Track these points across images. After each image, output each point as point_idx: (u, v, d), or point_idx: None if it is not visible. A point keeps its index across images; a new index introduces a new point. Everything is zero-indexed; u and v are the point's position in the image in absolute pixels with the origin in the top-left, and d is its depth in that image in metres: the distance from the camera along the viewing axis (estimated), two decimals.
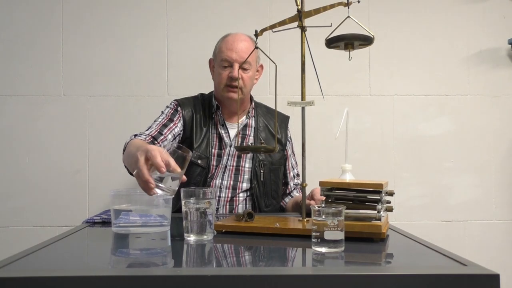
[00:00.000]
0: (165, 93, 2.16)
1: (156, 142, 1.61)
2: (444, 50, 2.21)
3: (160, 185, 1.11)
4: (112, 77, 2.17)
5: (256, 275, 0.79)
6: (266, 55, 1.31)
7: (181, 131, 1.71)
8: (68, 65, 2.16)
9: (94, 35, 2.17)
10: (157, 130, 1.65)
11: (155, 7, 2.18)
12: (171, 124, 1.69)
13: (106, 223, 1.38)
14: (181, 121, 1.71)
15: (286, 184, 1.86)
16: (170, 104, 1.78)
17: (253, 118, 1.80)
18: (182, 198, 1.13)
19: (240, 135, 1.76)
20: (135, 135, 1.60)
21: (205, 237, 1.11)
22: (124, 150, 1.56)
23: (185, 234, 1.12)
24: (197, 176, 1.67)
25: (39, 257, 0.95)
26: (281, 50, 2.09)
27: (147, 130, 1.66)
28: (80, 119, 2.15)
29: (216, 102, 1.77)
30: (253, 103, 1.82)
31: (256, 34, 1.32)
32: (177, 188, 1.15)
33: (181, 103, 1.76)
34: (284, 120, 1.86)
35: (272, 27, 1.30)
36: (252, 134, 1.77)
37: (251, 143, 1.76)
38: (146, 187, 1.10)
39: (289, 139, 1.89)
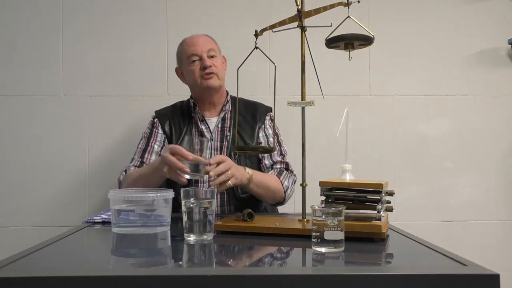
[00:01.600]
0: (165, 93, 2.16)
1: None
2: (444, 50, 2.21)
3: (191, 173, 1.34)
4: (112, 77, 2.17)
5: (256, 275, 0.79)
6: (266, 55, 1.31)
7: (164, 139, 1.78)
8: (68, 65, 2.16)
9: (94, 35, 2.17)
10: (139, 159, 1.74)
11: (155, 7, 2.18)
12: (150, 144, 1.76)
13: (106, 223, 1.38)
14: (160, 131, 1.79)
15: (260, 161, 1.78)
16: (149, 122, 1.85)
17: (231, 112, 1.81)
18: (182, 198, 1.13)
19: (219, 129, 1.78)
20: (125, 171, 1.71)
21: (205, 237, 1.11)
22: (120, 184, 1.68)
23: (185, 234, 1.12)
24: None
25: (39, 257, 0.95)
26: (281, 50, 2.09)
27: (131, 161, 1.75)
28: (80, 119, 2.15)
29: (193, 100, 1.82)
30: (229, 96, 1.84)
31: (256, 34, 1.32)
32: (204, 173, 1.38)
33: (158, 114, 1.84)
34: (264, 111, 1.84)
35: (272, 27, 1.30)
36: (231, 127, 1.78)
37: (228, 134, 1.76)
38: (179, 176, 1.34)
39: (269, 126, 1.82)
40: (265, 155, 1.77)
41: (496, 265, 0.93)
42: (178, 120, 1.80)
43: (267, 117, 1.84)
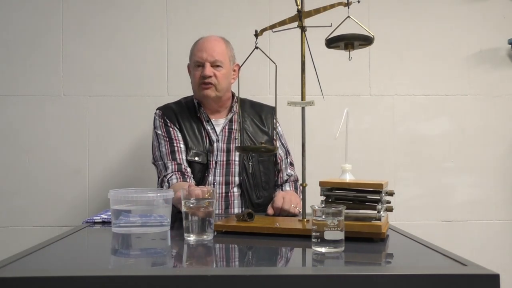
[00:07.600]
0: (165, 93, 2.16)
1: (183, 171, 1.67)
2: (444, 50, 2.21)
3: None
4: (112, 77, 2.17)
5: (256, 275, 0.79)
6: (266, 55, 1.31)
7: (182, 136, 1.74)
8: (68, 65, 2.16)
9: (94, 35, 2.17)
10: (173, 163, 1.68)
11: (155, 8, 2.18)
12: (175, 145, 1.71)
13: (106, 223, 1.38)
14: (176, 127, 1.74)
15: (278, 172, 1.84)
16: (156, 121, 1.78)
17: (238, 114, 1.81)
18: (182, 198, 1.13)
19: (226, 130, 1.78)
20: (168, 181, 1.64)
21: (205, 237, 1.11)
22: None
23: (185, 234, 1.12)
24: (198, 173, 1.70)
25: (39, 257, 0.95)
26: (281, 50, 2.09)
27: (165, 169, 1.68)
28: (80, 119, 2.15)
29: (197, 101, 1.81)
30: (236, 98, 1.83)
31: (256, 34, 1.32)
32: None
33: (165, 113, 1.77)
34: (270, 111, 1.85)
35: (272, 27, 1.30)
36: (238, 129, 1.77)
37: (237, 138, 1.75)
38: None
39: (282, 133, 1.88)
40: (283, 169, 1.82)
41: (496, 265, 0.93)
42: (187, 117, 1.77)
43: (277, 124, 1.86)
